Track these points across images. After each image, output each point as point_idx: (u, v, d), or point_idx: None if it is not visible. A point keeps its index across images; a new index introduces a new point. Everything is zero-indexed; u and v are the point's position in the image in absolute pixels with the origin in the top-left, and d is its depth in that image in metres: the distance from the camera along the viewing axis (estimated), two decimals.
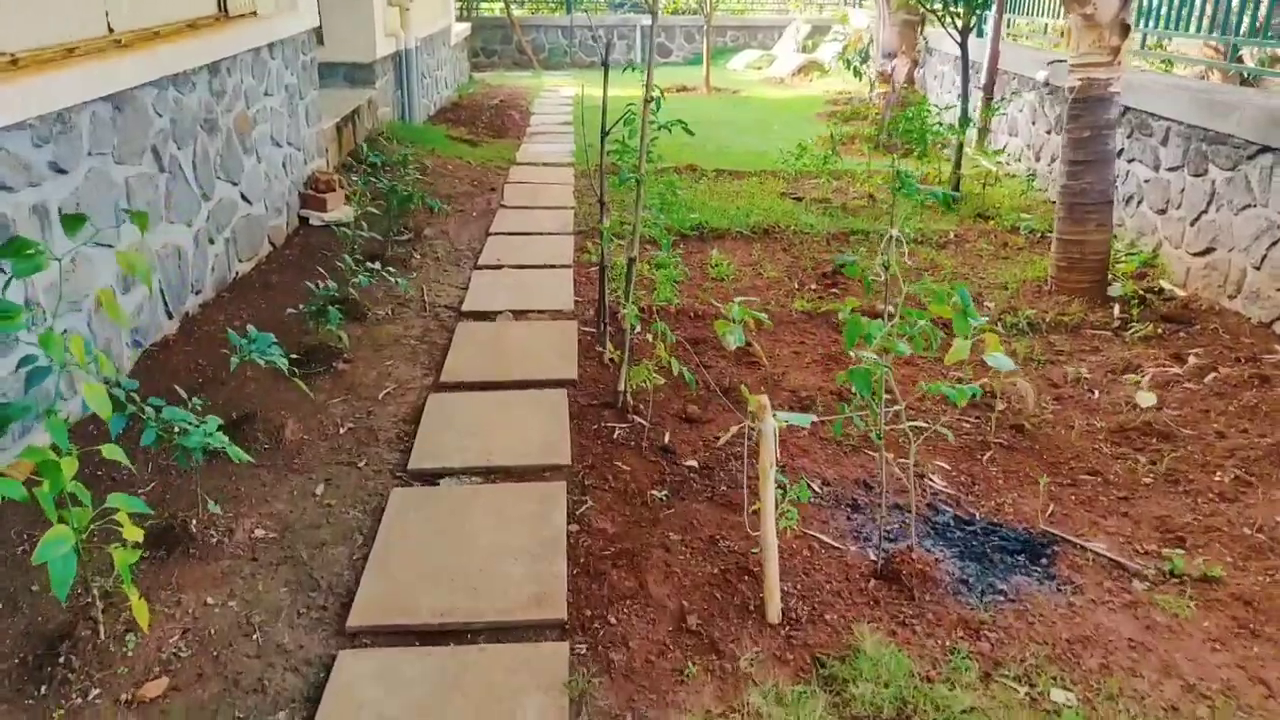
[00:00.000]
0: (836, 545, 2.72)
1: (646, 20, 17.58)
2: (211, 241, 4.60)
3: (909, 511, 2.83)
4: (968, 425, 3.54)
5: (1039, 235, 6.08)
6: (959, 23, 6.65)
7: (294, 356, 3.89)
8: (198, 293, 4.43)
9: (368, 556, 2.63)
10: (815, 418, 2.84)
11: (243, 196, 5.03)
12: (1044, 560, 2.62)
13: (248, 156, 5.10)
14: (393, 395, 3.70)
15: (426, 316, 4.55)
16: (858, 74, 11.31)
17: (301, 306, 3.92)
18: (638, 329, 4.10)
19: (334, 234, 5.48)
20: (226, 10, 4.95)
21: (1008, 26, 9.27)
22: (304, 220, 6.04)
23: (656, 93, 3.66)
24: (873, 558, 2.64)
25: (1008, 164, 7.76)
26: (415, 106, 9.28)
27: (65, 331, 3.20)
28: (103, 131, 3.56)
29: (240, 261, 4.97)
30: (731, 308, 4.02)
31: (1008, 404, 3.64)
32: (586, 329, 4.39)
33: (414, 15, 9.10)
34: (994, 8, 7.92)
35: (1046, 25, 8.13)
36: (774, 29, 18.13)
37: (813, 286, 5.16)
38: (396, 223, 5.53)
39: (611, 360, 4.00)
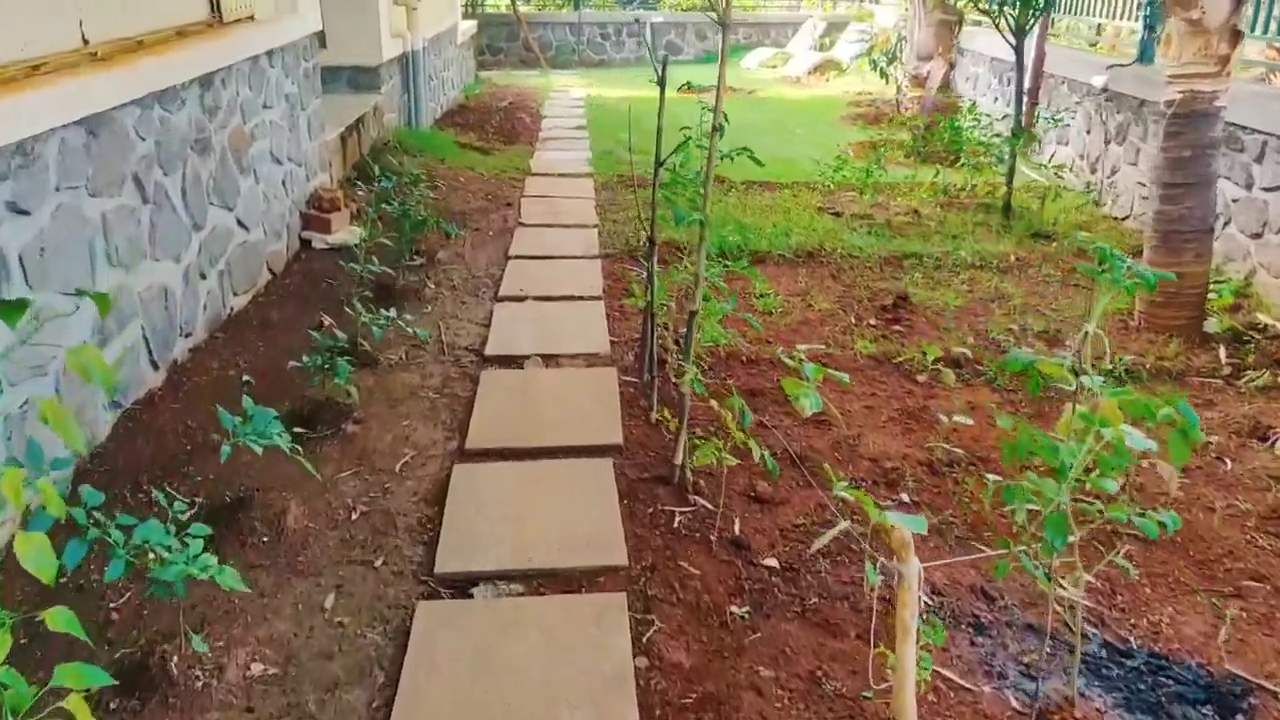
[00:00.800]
0: (966, 685, 2.21)
1: (657, 17, 17.04)
2: (203, 276, 4.08)
3: (1046, 634, 2.31)
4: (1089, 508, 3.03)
5: None
6: (1013, 24, 6.11)
7: (297, 416, 3.39)
8: (187, 336, 3.92)
9: (391, 703, 2.12)
10: (926, 518, 2.34)
11: (239, 222, 4.52)
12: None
13: (244, 177, 4.59)
14: (411, 466, 3.19)
15: (446, 361, 4.04)
16: (885, 76, 10.78)
17: (305, 359, 3.41)
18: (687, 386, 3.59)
19: (339, 259, 4.97)
20: (220, 15, 4.43)
21: (1049, 26, 8.74)
22: (306, 243, 5.52)
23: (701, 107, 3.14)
24: (1015, 705, 2.13)
25: (1058, 175, 7.24)
26: (422, 110, 8.76)
27: (26, 404, 2.70)
28: (74, 161, 3.05)
29: (236, 295, 4.46)
30: (801, 362, 3.50)
31: (1140, 489, 3.10)
32: (627, 378, 3.87)
33: (421, 15, 8.58)
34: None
35: (1100, 25, 7.60)
36: (788, 26, 17.58)
37: (872, 322, 4.65)
38: (408, 246, 5.02)
39: (660, 419, 3.50)
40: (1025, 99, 7.83)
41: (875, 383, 3.92)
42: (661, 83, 3.45)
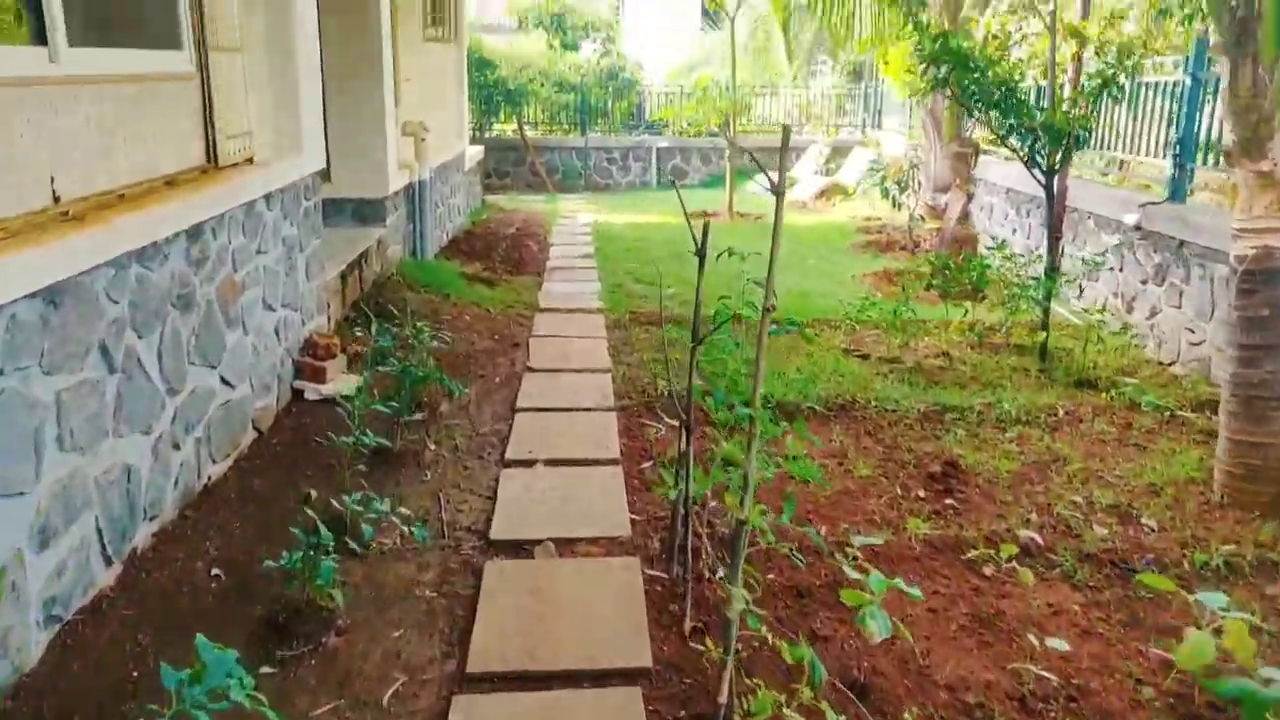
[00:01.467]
0: None
1: (663, 142, 17.20)
2: (177, 447, 3.65)
3: None
4: None
5: (1168, 414, 5.15)
6: (1043, 161, 5.88)
7: (272, 625, 2.89)
8: (153, 519, 3.45)
9: None
10: None
11: (223, 380, 4.12)
12: None
13: (232, 330, 4.21)
14: (402, 696, 2.68)
15: (445, 548, 3.56)
16: (897, 205, 10.65)
17: (285, 555, 2.94)
18: (716, 574, 3.11)
19: (333, 412, 4.55)
20: (216, 160, 4.14)
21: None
22: (299, 393, 5.11)
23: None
24: None
25: (1096, 318, 6.91)
26: (428, 241, 8.52)
27: None
28: (26, 338, 2.66)
29: (214, 462, 4.01)
30: (855, 559, 3.05)
31: None
32: (653, 572, 3.38)
33: (429, 145, 8.43)
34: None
35: (1123, 162, 7.42)
36: (793, 150, 17.73)
37: (920, 493, 4.19)
38: (407, 404, 4.61)
39: (697, 627, 3.00)
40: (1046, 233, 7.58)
41: (936, 576, 3.43)
42: (701, 254, 3.08)
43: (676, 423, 4.99)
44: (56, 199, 3.04)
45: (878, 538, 3.45)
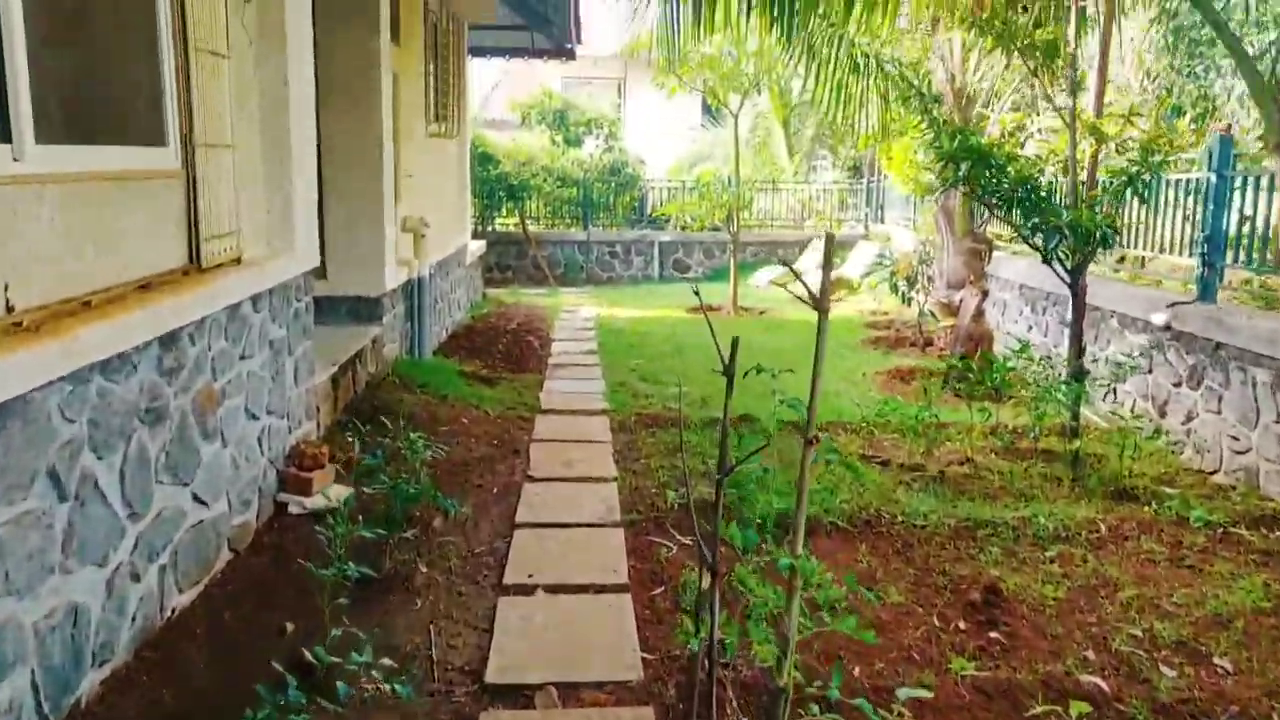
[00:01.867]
0: None
1: (665, 236, 17.18)
2: (137, 578, 3.27)
3: None
4: None
5: (1220, 531, 4.77)
6: (1067, 261, 5.64)
7: None
8: (104, 663, 3.05)
9: None
10: None
11: (195, 498, 3.76)
12: None
13: (209, 442, 3.88)
14: None
15: (435, 694, 3.15)
16: (906, 300, 10.45)
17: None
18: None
19: (319, 529, 4.17)
20: (199, 262, 3.88)
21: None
22: (282, 506, 4.75)
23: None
24: None
25: (1118, 416, 6.59)
26: (426, 339, 8.25)
27: None
28: None
29: (181, 591, 3.62)
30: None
31: None
32: None
33: (430, 241, 8.26)
34: None
35: (1143, 259, 7.21)
36: (795, 244, 17.71)
37: (961, 624, 3.78)
38: (398, 523, 4.24)
39: None
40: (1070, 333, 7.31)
41: None
42: (729, 373, 2.78)
43: (690, 541, 4.63)
44: (10, 308, 2.75)
45: (923, 690, 3.04)
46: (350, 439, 5.64)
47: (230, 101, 4.10)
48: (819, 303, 2.18)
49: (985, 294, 8.05)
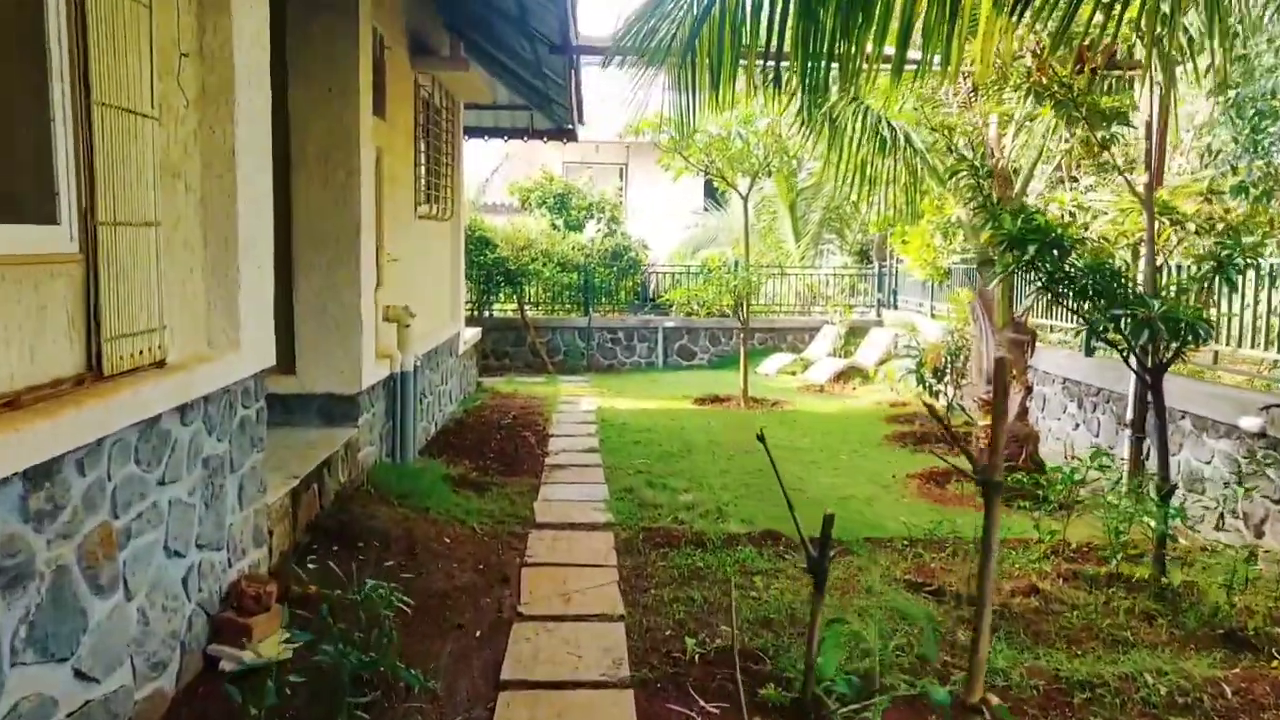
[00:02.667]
0: None
1: (670, 322, 16.48)
2: None
3: None
4: None
5: None
6: (1146, 358, 4.85)
7: None
8: None
9: None
10: None
11: (79, 674, 2.88)
12: None
13: (104, 597, 3.02)
14: None
15: None
16: (934, 394, 9.66)
17: None
18: None
19: (257, 689, 3.27)
20: (100, 368, 3.07)
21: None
22: (213, 661, 3.85)
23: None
24: None
25: (1195, 529, 5.72)
26: (409, 439, 7.41)
27: None
28: None
29: None
30: None
31: None
32: None
33: (416, 331, 7.50)
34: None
35: (1216, 353, 6.43)
36: (805, 331, 17.02)
37: None
38: (351, 681, 3.35)
39: None
40: (1133, 436, 6.49)
41: None
42: (818, 570, 1.92)
43: (717, 711, 3.71)
44: None
45: None
46: (312, 567, 4.76)
47: (156, 172, 3.36)
48: (987, 487, 1.36)
49: (1029, 390, 7.25)
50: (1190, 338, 4.46)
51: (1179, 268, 5.06)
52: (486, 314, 15.97)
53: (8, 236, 2.64)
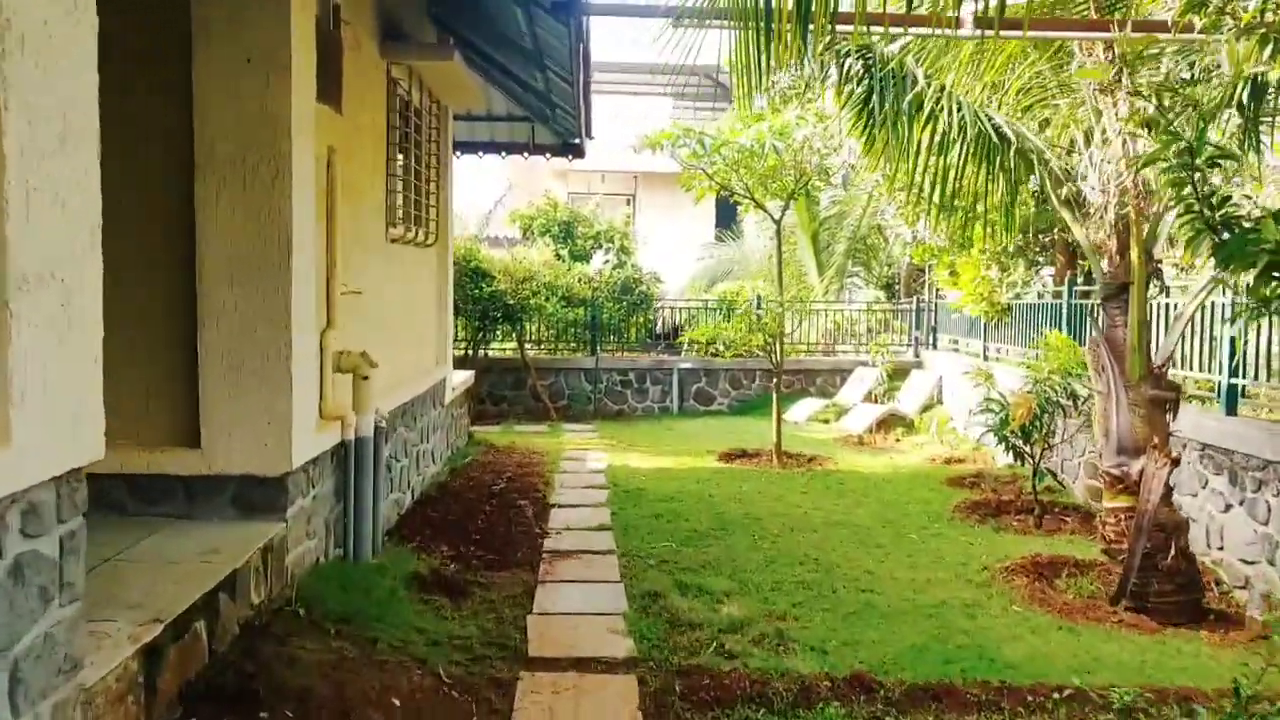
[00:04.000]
0: None
1: (686, 363, 14.81)
2: None
3: None
4: None
5: None
6: None
7: None
8: None
9: None
10: None
11: None
12: None
13: None
14: None
15: None
16: (1019, 456, 7.95)
17: None
18: None
19: None
20: None
21: None
22: None
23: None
24: None
25: None
26: (367, 526, 5.68)
27: None
28: None
29: None
30: None
31: None
32: None
33: (378, 383, 5.81)
34: None
35: None
36: (835, 373, 15.31)
37: None
38: None
39: None
40: None
41: None
42: None
43: None
44: None
45: None
46: None
47: None
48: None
49: (1175, 463, 5.54)
50: None
51: None
52: (482, 354, 14.31)
53: None
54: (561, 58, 6.80)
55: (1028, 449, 7.71)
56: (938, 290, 15.64)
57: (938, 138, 5.69)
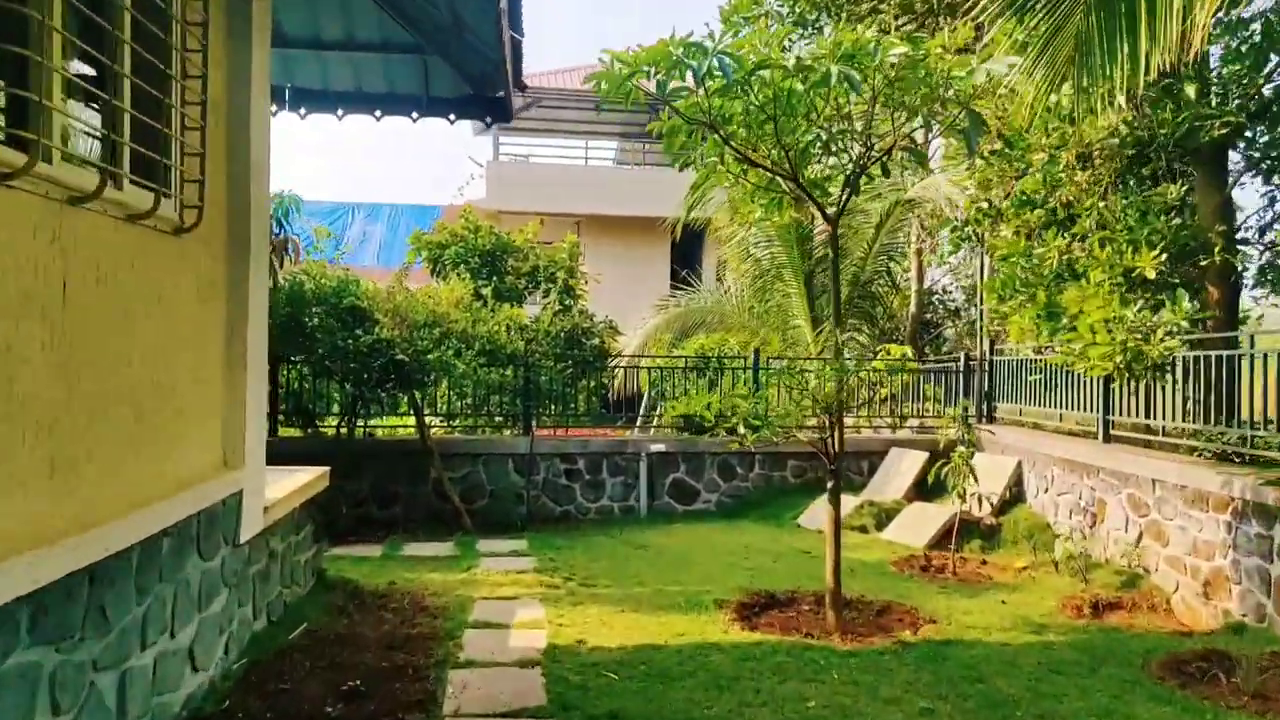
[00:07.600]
0: None
1: (657, 445, 10.53)
2: None
3: None
4: None
5: None
6: None
7: None
8: None
9: None
10: None
11: None
12: None
13: None
14: None
15: None
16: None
17: None
18: None
19: None
20: None
21: None
22: None
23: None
24: None
25: None
26: None
27: None
28: None
29: None
30: None
31: None
32: None
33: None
34: None
35: None
36: (861, 456, 11.16)
37: None
38: None
39: None
40: None
41: None
42: None
43: None
44: None
45: None
46: None
47: None
48: None
49: None
50: None
51: None
52: (364, 433, 9.84)
53: None
54: None
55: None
56: (992, 342, 11.74)
57: None
